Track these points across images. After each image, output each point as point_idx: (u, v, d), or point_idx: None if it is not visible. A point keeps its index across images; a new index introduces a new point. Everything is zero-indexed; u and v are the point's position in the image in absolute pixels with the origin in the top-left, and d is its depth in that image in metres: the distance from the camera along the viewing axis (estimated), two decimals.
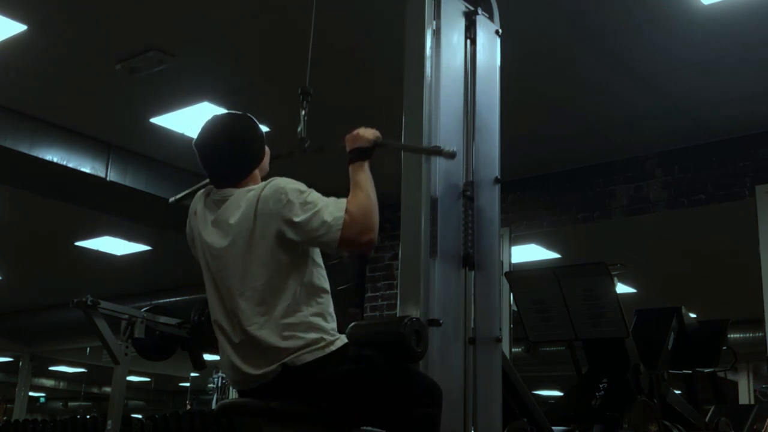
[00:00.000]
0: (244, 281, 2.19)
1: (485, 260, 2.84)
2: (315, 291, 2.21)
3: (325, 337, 2.15)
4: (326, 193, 2.22)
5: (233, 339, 2.20)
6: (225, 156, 2.30)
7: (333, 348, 2.15)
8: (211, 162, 2.33)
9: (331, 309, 2.23)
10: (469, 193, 2.83)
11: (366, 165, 2.34)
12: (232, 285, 2.21)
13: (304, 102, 2.76)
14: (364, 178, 2.30)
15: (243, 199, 2.22)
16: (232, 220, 2.21)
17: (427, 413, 2.23)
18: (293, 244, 2.16)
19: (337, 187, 2.32)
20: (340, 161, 2.37)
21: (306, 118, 2.73)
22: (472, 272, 2.78)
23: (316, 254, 2.26)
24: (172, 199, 2.85)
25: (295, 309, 2.15)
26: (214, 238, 2.26)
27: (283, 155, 2.71)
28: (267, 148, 2.40)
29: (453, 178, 2.78)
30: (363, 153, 2.35)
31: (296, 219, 2.13)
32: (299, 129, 2.70)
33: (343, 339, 2.20)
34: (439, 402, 2.28)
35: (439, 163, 2.72)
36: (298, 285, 2.17)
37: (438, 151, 2.60)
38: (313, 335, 2.14)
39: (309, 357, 2.12)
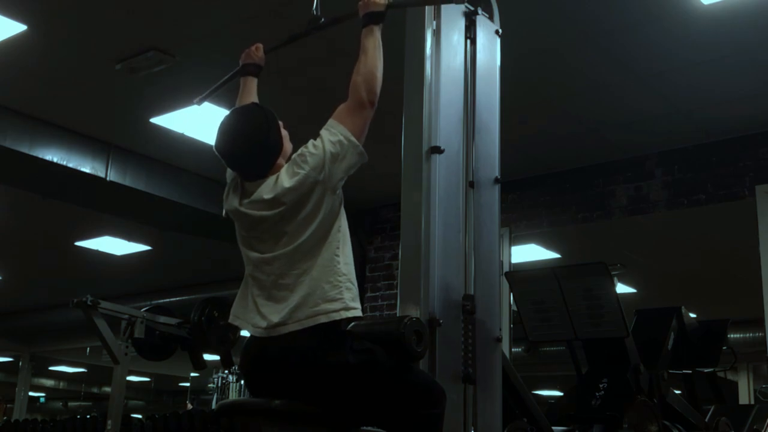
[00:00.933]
0: (278, 243, 2.27)
1: (485, 260, 2.84)
2: (347, 254, 2.30)
3: (348, 303, 2.22)
4: None
5: (265, 283, 2.28)
6: (247, 158, 2.36)
7: (348, 314, 2.22)
8: (237, 165, 2.40)
9: (354, 278, 2.31)
10: (469, 193, 2.83)
11: (376, 30, 2.44)
12: (268, 247, 2.30)
13: None
14: (372, 43, 2.40)
15: (273, 182, 2.30)
16: (267, 196, 2.29)
17: (430, 413, 2.24)
18: (326, 197, 2.25)
19: None
20: None
21: None
22: (473, 272, 2.78)
23: (345, 222, 2.34)
24: (196, 100, 2.96)
25: (327, 267, 2.23)
26: (252, 210, 2.32)
27: (302, 35, 2.88)
28: (284, 131, 2.43)
29: (453, 177, 2.78)
30: (375, 17, 2.45)
31: (321, 165, 2.24)
32: (314, 7, 2.81)
33: (358, 311, 2.26)
34: (441, 402, 2.28)
35: (439, 163, 2.72)
36: (330, 250, 2.26)
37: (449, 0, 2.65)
38: (336, 296, 2.21)
39: (325, 320, 2.18)
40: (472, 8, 3.03)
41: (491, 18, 3.14)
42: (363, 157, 2.32)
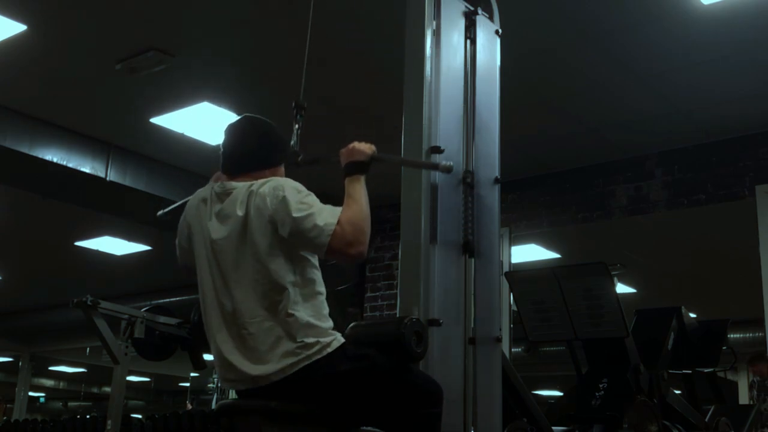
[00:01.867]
0: (241, 274, 2.19)
1: (485, 260, 2.84)
2: (311, 291, 2.22)
3: (321, 339, 2.15)
4: (325, 199, 2.22)
5: (231, 334, 2.20)
6: (250, 140, 2.38)
7: (330, 350, 2.15)
8: (234, 141, 2.40)
9: (326, 311, 2.23)
10: (469, 192, 2.83)
11: (362, 179, 2.33)
12: (229, 278, 2.22)
13: (298, 116, 2.73)
14: (359, 191, 2.29)
15: (244, 193, 2.24)
16: (231, 213, 2.23)
17: (429, 413, 2.24)
18: (285, 240, 2.17)
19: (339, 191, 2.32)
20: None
21: (300, 132, 2.70)
22: (473, 272, 2.78)
23: (309, 269, 2.24)
24: (160, 213, 2.86)
25: (293, 307, 2.15)
26: (215, 228, 2.27)
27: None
28: (282, 168, 2.42)
29: (453, 177, 2.78)
30: (359, 167, 2.35)
31: (290, 216, 2.14)
32: (293, 142, 2.67)
33: (339, 339, 2.19)
34: (440, 402, 2.28)
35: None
36: (294, 283, 2.17)
37: (435, 166, 2.60)
38: (311, 339, 2.13)
39: (306, 362, 2.12)
40: (472, 8, 3.03)
41: (491, 18, 3.14)
42: (318, 254, 2.20)
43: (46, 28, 4.71)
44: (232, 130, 2.43)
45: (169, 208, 2.85)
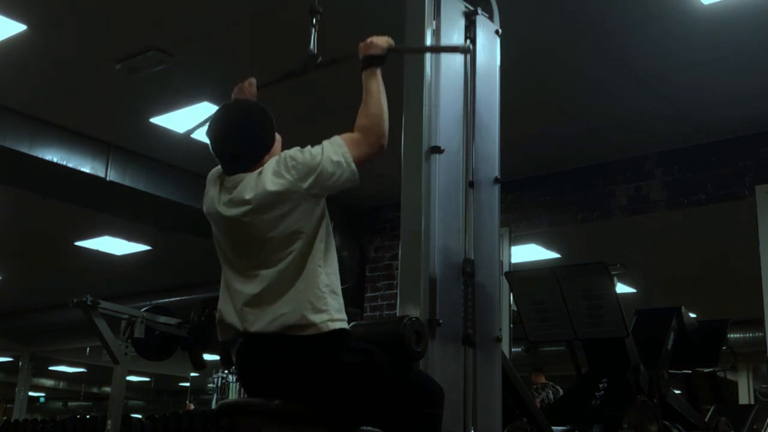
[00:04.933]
0: (262, 250, 2.22)
1: (485, 260, 2.84)
2: (329, 264, 2.25)
3: (333, 314, 2.18)
4: None
5: (244, 292, 2.23)
6: (235, 142, 2.33)
7: (335, 326, 2.16)
8: (222, 147, 2.36)
9: (338, 287, 2.26)
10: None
11: (378, 72, 2.40)
12: (250, 254, 2.25)
13: (314, 20, 2.80)
14: (375, 85, 2.36)
15: (254, 178, 2.25)
16: (248, 196, 2.24)
17: (429, 413, 2.24)
18: (310, 207, 2.20)
19: None
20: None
21: (316, 35, 2.77)
22: (473, 272, 2.78)
23: (329, 230, 2.29)
24: (185, 131, 2.95)
25: (311, 279, 2.18)
26: (231, 212, 2.28)
27: (298, 72, 2.79)
28: (278, 135, 2.40)
29: (453, 177, 2.78)
30: (376, 60, 2.41)
31: (311, 174, 2.19)
32: (311, 46, 2.76)
33: (344, 323, 2.21)
34: (441, 402, 2.28)
35: (439, 163, 2.72)
36: (315, 261, 2.21)
37: (454, 49, 2.62)
38: (322, 307, 2.16)
39: (313, 330, 2.14)
40: (472, 8, 3.03)
41: (491, 18, 3.14)
42: (354, 183, 2.27)
43: (46, 28, 4.71)
44: (214, 132, 2.38)
45: (194, 125, 2.96)
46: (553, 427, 3.52)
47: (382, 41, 2.43)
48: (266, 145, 2.34)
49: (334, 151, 2.22)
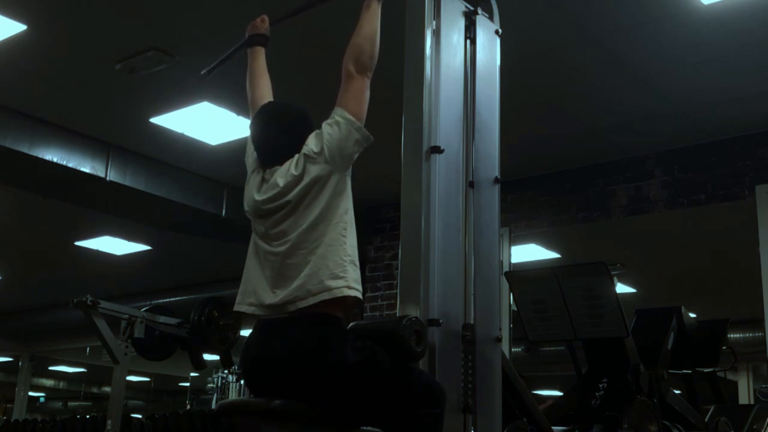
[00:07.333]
0: (289, 215, 2.33)
1: (485, 260, 2.84)
2: (351, 236, 2.36)
3: (351, 283, 2.28)
4: None
5: (275, 265, 2.33)
6: (276, 134, 2.46)
7: (351, 293, 2.26)
8: (260, 140, 2.49)
9: (357, 259, 2.36)
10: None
11: (375, 4, 2.55)
12: (278, 220, 2.35)
13: None
14: (368, 17, 2.53)
15: (286, 168, 2.38)
16: (281, 182, 2.36)
17: (431, 413, 2.24)
18: (333, 181, 2.33)
19: None
20: None
21: None
22: (472, 272, 2.78)
23: (351, 205, 2.39)
24: (204, 71, 2.99)
25: (334, 246, 2.29)
26: (264, 196, 2.40)
27: (307, 5, 2.95)
28: None
29: (453, 177, 2.78)
30: None
31: (323, 150, 2.33)
32: None
33: (359, 293, 2.30)
34: (441, 402, 2.28)
35: (439, 163, 2.72)
36: (336, 230, 2.31)
37: None
38: (340, 274, 2.27)
39: (327, 296, 2.23)
40: (471, 8, 3.03)
41: (491, 18, 3.13)
42: (361, 131, 2.39)
43: (46, 28, 4.71)
44: (256, 126, 2.52)
45: (212, 66, 3.09)
46: (553, 427, 3.52)
47: None
48: (301, 144, 2.43)
49: (330, 118, 2.39)
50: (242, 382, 8.90)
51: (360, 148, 2.40)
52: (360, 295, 2.31)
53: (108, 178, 6.27)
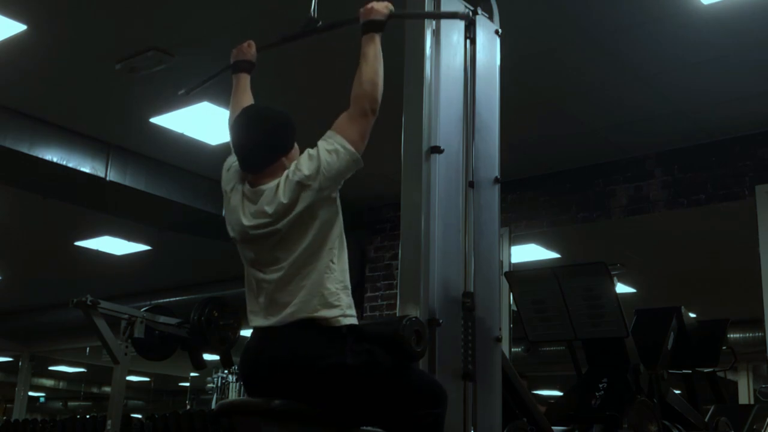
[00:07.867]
0: (280, 243, 2.27)
1: (485, 260, 2.84)
2: (342, 261, 2.31)
3: (345, 310, 2.24)
4: None
5: (268, 291, 2.29)
6: (252, 138, 2.37)
7: (347, 322, 2.22)
8: (239, 144, 2.40)
9: (349, 284, 2.32)
10: (469, 193, 2.82)
11: (377, 38, 2.45)
12: (270, 247, 2.30)
13: None
14: (372, 51, 2.42)
15: (273, 192, 2.29)
16: (269, 210, 2.28)
17: (431, 414, 2.24)
18: (323, 205, 2.27)
19: None
20: None
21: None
22: (472, 272, 2.78)
23: (342, 228, 2.35)
24: (181, 92, 2.94)
25: (325, 274, 2.25)
26: (254, 222, 2.32)
27: (299, 35, 2.85)
28: (296, 145, 2.43)
29: (453, 177, 2.78)
30: (376, 25, 2.46)
31: (316, 174, 2.24)
32: (311, 9, 2.80)
33: (354, 319, 2.26)
34: (441, 402, 2.28)
35: (439, 163, 2.72)
36: (328, 257, 2.27)
37: (453, 15, 2.64)
38: (334, 303, 2.23)
39: (324, 324, 2.20)
40: (471, 8, 3.03)
41: (491, 18, 3.14)
42: (358, 164, 2.32)
43: (46, 28, 4.71)
44: (236, 129, 2.43)
45: (192, 86, 2.94)
46: (553, 427, 3.52)
47: (382, 6, 2.48)
48: (282, 147, 2.38)
49: (328, 143, 2.28)
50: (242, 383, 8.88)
51: (349, 175, 2.34)
52: (355, 321, 2.27)
53: (108, 178, 6.27)
